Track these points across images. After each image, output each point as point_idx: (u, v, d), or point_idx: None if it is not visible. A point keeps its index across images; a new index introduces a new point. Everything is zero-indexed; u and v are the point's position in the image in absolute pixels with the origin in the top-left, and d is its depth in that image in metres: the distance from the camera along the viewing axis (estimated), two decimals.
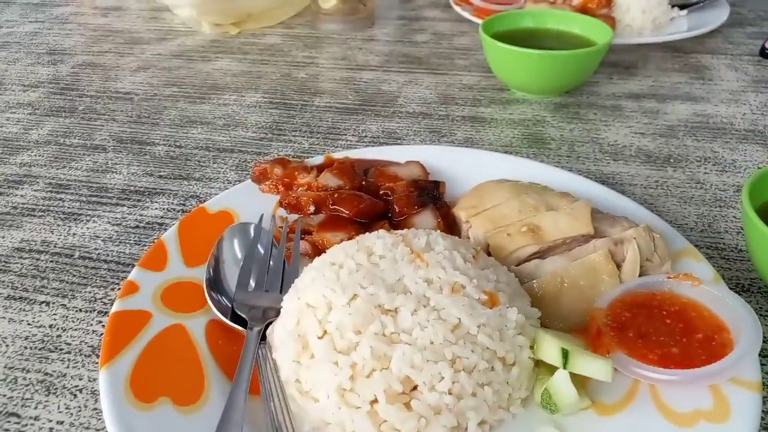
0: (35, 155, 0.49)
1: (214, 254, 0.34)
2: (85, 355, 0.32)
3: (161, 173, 0.47)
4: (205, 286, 0.32)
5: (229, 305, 0.32)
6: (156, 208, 0.43)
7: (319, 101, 0.58)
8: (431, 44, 0.69)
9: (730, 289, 0.35)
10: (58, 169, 0.48)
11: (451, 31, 0.72)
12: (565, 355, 0.26)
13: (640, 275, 0.32)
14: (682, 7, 0.71)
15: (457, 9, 0.71)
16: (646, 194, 0.44)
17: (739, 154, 0.48)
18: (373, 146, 0.50)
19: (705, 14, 0.70)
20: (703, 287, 0.30)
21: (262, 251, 0.35)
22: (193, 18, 0.71)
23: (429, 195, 0.39)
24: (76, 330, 0.33)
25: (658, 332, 0.29)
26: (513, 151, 0.49)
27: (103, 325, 0.33)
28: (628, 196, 0.43)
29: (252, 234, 0.36)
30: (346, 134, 0.52)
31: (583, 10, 0.67)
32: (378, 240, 0.31)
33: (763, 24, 0.73)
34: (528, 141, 0.51)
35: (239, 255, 0.35)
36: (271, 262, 0.34)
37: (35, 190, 0.45)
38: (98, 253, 0.39)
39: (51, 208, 0.43)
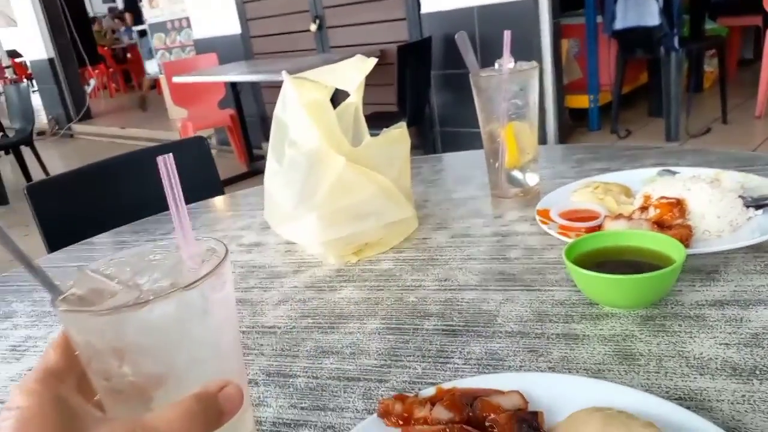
0: None
1: None
2: None
3: (302, 405, 0.57)
4: None
5: None
6: None
7: (428, 324, 0.67)
8: (523, 260, 0.78)
9: None
10: None
11: (540, 245, 0.82)
12: None
13: None
14: (757, 207, 0.76)
15: (544, 227, 0.81)
16: (733, 410, 0.48)
17: None
18: (477, 369, 0.58)
19: None
20: None
21: None
22: (320, 253, 0.86)
23: (529, 426, 0.45)
24: None
25: None
26: (605, 369, 0.55)
27: None
28: (714, 413, 0.47)
29: None
30: (453, 357, 0.61)
31: (660, 221, 0.74)
32: None
33: None
34: (618, 358, 0.56)
35: None
36: None
37: None
38: None
39: None
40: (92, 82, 9.02)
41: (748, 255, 0.70)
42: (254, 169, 4.69)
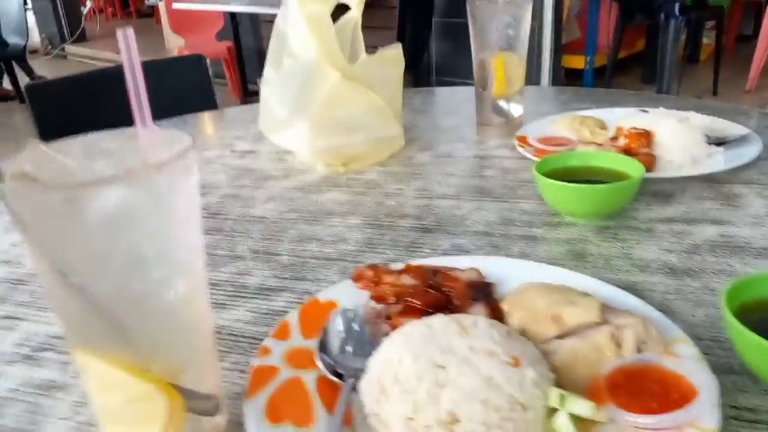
0: None
1: (323, 329, 0.48)
2: (234, 396, 0.46)
3: (285, 276, 0.63)
4: (316, 351, 0.46)
5: (333, 364, 0.45)
6: (281, 301, 0.58)
7: (404, 222, 0.73)
8: (498, 178, 0.84)
9: (721, 371, 0.44)
10: (210, 272, 0.64)
11: (515, 167, 0.87)
12: (562, 398, 0.37)
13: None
14: (718, 144, 0.82)
15: (520, 150, 0.87)
16: (663, 299, 0.54)
17: (753, 268, 0.58)
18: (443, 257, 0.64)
19: (741, 149, 0.81)
20: (681, 360, 0.40)
21: (357, 328, 0.48)
22: (310, 160, 0.91)
23: (482, 292, 0.52)
24: (226, 382, 0.47)
25: (643, 392, 0.39)
26: (558, 263, 0.61)
27: (244, 377, 0.47)
28: (647, 299, 0.54)
29: (350, 316, 0.49)
30: (422, 247, 0.67)
31: (627, 149, 0.80)
32: (437, 320, 0.44)
33: None
34: (571, 256, 0.63)
35: (341, 330, 0.48)
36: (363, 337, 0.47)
37: None
38: (240, 332, 0.54)
39: None
40: (88, 3, 8.80)
41: (703, 184, 0.76)
42: (248, 104, 4.67)
